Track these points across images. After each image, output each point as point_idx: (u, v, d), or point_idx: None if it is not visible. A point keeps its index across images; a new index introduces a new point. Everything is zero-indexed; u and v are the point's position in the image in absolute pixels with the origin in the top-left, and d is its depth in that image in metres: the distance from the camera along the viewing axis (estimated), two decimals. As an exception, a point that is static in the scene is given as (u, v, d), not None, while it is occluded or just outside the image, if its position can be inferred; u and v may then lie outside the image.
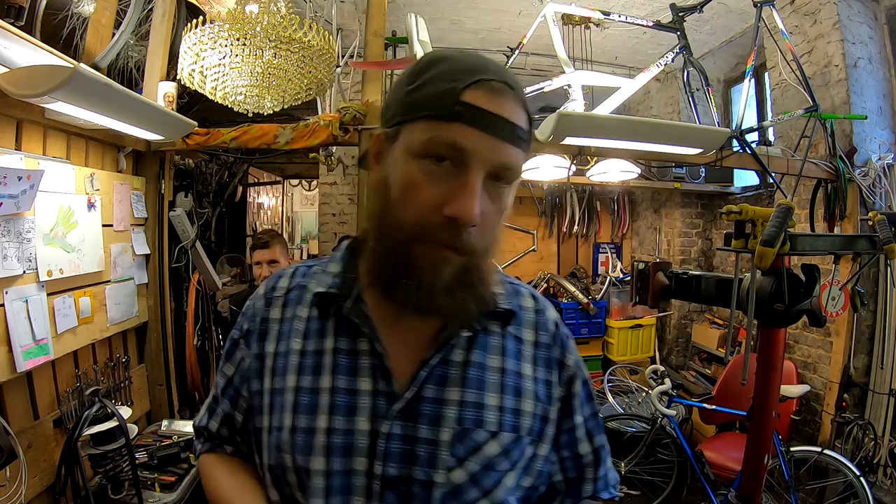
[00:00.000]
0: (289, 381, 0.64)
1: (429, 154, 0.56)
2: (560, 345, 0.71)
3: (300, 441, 0.61)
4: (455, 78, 0.56)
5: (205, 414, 0.78)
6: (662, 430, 2.90)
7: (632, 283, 1.69)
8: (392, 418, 0.60)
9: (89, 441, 1.66)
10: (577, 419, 0.71)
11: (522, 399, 0.66)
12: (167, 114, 2.00)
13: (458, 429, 0.61)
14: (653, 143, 2.47)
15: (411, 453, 0.60)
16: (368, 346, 0.63)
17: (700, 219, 4.55)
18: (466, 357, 0.65)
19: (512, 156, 0.58)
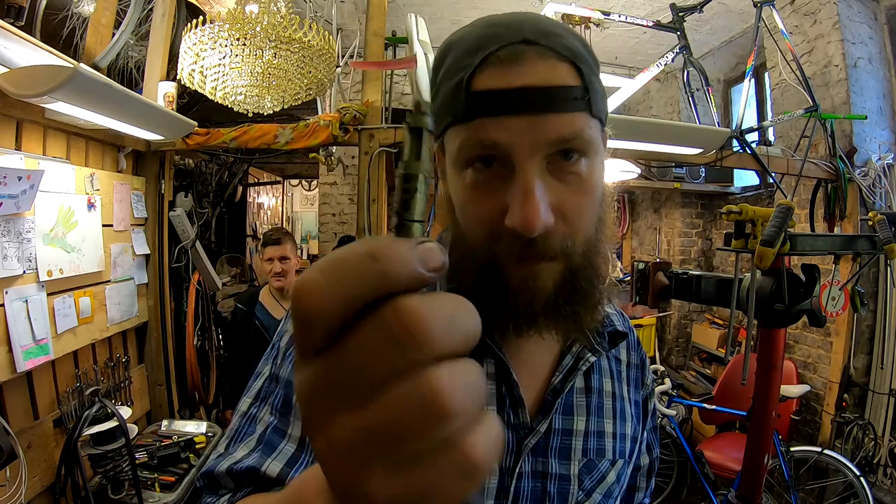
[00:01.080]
0: None
1: (469, 163, 0.47)
2: (643, 365, 0.67)
3: None
4: (461, 66, 0.46)
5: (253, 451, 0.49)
6: (662, 430, 2.90)
7: (632, 283, 1.69)
8: (525, 454, 0.53)
9: (89, 441, 1.66)
10: (645, 434, 0.69)
11: (626, 423, 0.61)
12: (167, 114, 2.00)
13: (584, 460, 0.56)
14: (653, 143, 2.47)
15: (543, 490, 0.54)
16: (496, 369, 0.53)
17: (700, 219, 4.55)
18: (587, 382, 0.59)
19: (565, 125, 0.44)
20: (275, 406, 0.51)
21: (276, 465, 0.47)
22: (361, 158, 2.27)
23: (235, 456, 0.49)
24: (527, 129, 0.43)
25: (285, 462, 0.48)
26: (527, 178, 0.44)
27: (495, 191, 0.45)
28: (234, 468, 0.48)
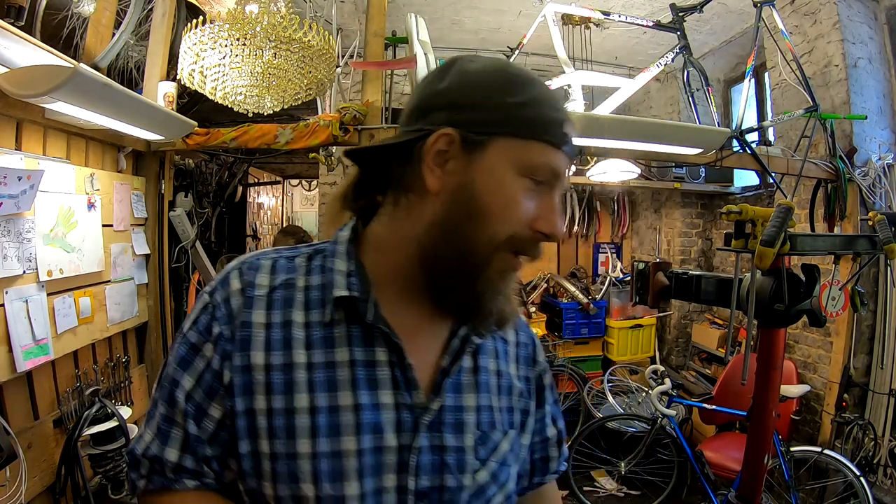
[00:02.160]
0: (299, 400, 0.56)
1: (533, 175, 0.57)
2: (533, 342, 0.75)
3: (326, 468, 0.55)
4: (558, 107, 0.60)
5: (154, 439, 0.59)
6: (662, 430, 2.90)
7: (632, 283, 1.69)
8: (421, 430, 0.58)
9: (89, 441, 1.66)
10: (546, 408, 0.75)
11: (512, 397, 0.69)
12: (167, 114, 2.00)
13: (478, 433, 0.62)
14: (653, 143, 2.47)
15: (441, 463, 0.59)
16: (389, 356, 0.59)
17: (700, 219, 4.55)
18: (475, 362, 0.65)
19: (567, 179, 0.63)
20: (163, 395, 0.60)
21: (173, 452, 0.58)
22: (361, 158, 2.26)
23: (144, 439, 0.60)
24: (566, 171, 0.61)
25: (179, 446, 0.58)
26: (558, 202, 0.60)
27: (531, 202, 0.57)
28: (148, 454, 0.59)
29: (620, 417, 3.48)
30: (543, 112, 0.57)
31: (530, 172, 0.57)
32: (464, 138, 0.56)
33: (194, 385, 0.58)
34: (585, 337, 4.33)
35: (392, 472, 0.57)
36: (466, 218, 0.56)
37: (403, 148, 0.59)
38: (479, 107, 0.56)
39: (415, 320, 0.61)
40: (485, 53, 4.26)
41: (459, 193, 0.57)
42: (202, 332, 0.59)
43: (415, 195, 0.59)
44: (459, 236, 0.57)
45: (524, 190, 0.57)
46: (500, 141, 0.56)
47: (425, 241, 0.58)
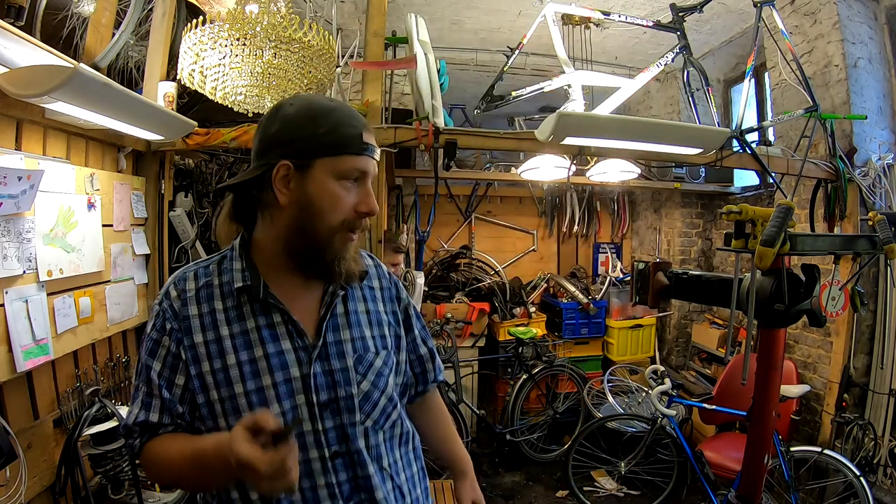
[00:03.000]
0: (229, 359, 0.84)
1: (346, 177, 0.84)
2: (395, 285, 1.05)
3: (255, 399, 0.83)
4: (354, 124, 0.85)
5: (139, 411, 0.86)
6: (662, 430, 2.90)
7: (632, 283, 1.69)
8: (314, 361, 0.86)
9: (89, 441, 1.66)
10: (414, 332, 1.07)
11: (383, 327, 0.97)
12: (167, 114, 2.00)
13: (355, 356, 0.90)
14: (653, 143, 2.47)
15: (332, 381, 0.87)
16: (282, 317, 0.87)
17: (700, 219, 4.55)
18: (345, 308, 0.93)
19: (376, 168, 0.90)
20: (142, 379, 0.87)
21: (154, 415, 0.85)
22: (361, 158, 2.26)
23: (133, 413, 0.87)
24: (373, 167, 0.88)
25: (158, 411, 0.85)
26: (371, 188, 0.88)
27: (351, 194, 0.85)
28: (137, 421, 0.86)
29: (620, 417, 3.48)
30: (342, 132, 0.84)
31: (344, 176, 0.84)
32: (295, 165, 0.83)
33: (162, 366, 0.85)
34: (585, 337, 4.33)
35: (301, 392, 0.85)
36: (308, 217, 0.83)
37: (258, 179, 0.85)
38: (298, 141, 0.83)
39: (294, 290, 0.89)
40: (485, 53, 4.26)
41: (301, 202, 0.83)
42: (159, 329, 0.87)
43: (274, 208, 0.86)
44: (307, 230, 0.84)
45: (343, 189, 0.84)
46: (318, 161, 0.83)
47: (286, 238, 0.86)
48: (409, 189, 4.37)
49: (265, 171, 0.84)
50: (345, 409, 0.87)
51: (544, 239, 4.98)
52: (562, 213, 4.86)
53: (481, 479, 3.42)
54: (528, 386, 3.67)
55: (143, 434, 0.85)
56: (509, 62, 3.12)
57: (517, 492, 3.33)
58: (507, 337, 3.88)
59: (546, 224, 4.96)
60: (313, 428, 0.85)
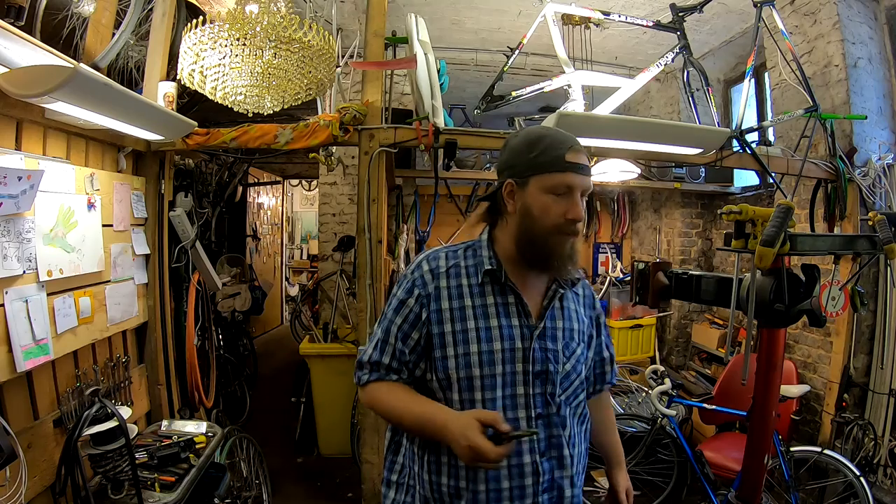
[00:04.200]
0: (470, 324, 1.05)
1: (554, 191, 1.03)
2: (592, 297, 1.25)
3: (486, 359, 1.04)
4: (560, 146, 1.04)
5: (374, 350, 1.10)
6: (662, 430, 2.90)
7: (632, 283, 1.69)
8: (535, 339, 1.06)
9: (89, 441, 1.65)
10: (602, 337, 1.25)
11: (582, 325, 1.16)
12: (167, 114, 2.00)
13: (564, 341, 1.10)
14: (653, 143, 2.47)
15: (545, 357, 1.06)
16: (515, 299, 1.08)
17: (700, 219, 4.54)
18: (562, 303, 1.13)
19: (588, 183, 1.06)
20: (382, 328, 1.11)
21: (386, 358, 1.08)
22: (361, 158, 2.27)
23: (367, 352, 1.12)
24: (581, 182, 1.04)
25: (390, 355, 1.09)
26: (578, 199, 1.05)
27: (561, 204, 1.04)
28: (371, 360, 1.10)
29: (620, 417, 3.48)
30: (549, 155, 1.03)
31: (552, 190, 1.03)
32: (516, 182, 1.06)
33: (402, 321, 1.08)
34: (585, 337, 4.33)
35: (520, 361, 1.05)
36: (528, 221, 1.05)
37: (496, 193, 1.12)
38: (518, 164, 1.07)
39: (525, 279, 1.10)
40: (485, 53, 4.26)
41: (522, 210, 1.06)
42: (408, 292, 1.09)
43: (508, 215, 1.10)
44: (527, 231, 1.06)
45: (552, 200, 1.03)
46: (532, 179, 1.05)
47: (516, 237, 1.08)
48: (409, 189, 4.37)
49: (499, 187, 1.10)
50: (551, 381, 1.06)
51: (544, 239, 4.98)
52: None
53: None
54: (528, 386, 3.67)
55: (373, 372, 1.09)
56: (509, 62, 3.12)
57: (517, 492, 3.33)
58: (507, 337, 3.87)
59: (546, 224, 4.95)
60: (525, 392, 1.04)
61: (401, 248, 3.69)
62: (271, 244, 7.60)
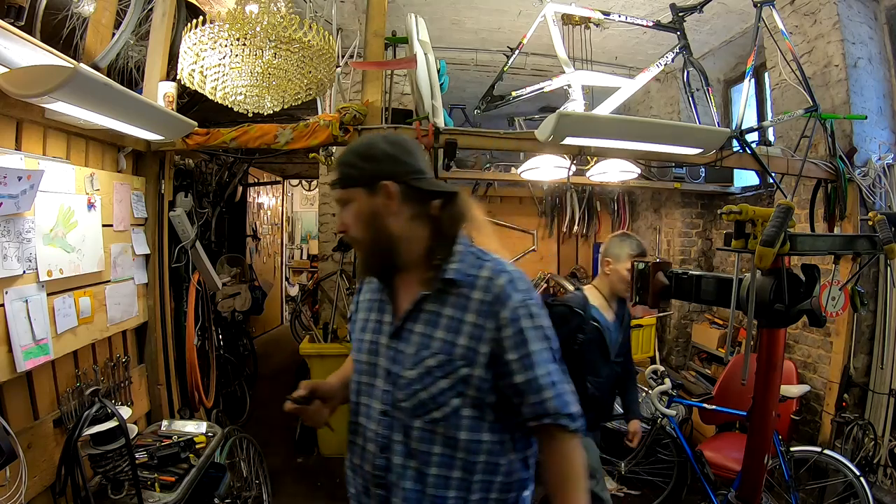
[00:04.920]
0: (361, 315, 1.17)
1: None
2: (499, 303, 0.99)
3: (357, 346, 1.16)
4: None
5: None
6: (662, 430, 2.90)
7: (632, 283, 1.69)
8: (388, 337, 1.07)
9: (89, 441, 1.66)
10: (508, 356, 0.98)
11: (458, 335, 1.00)
12: (167, 114, 2.00)
13: (416, 347, 1.02)
14: (653, 143, 2.46)
15: (393, 357, 1.05)
16: (388, 298, 1.11)
17: (700, 219, 4.54)
18: (429, 307, 1.04)
19: (338, 193, 1.08)
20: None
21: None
22: (361, 158, 2.26)
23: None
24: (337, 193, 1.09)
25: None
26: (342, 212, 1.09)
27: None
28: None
29: (620, 417, 3.48)
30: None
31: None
32: None
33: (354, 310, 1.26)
34: (585, 337, 4.33)
35: (376, 354, 1.09)
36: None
37: None
38: None
39: (402, 281, 1.10)
40: (485, 53, 4.26)
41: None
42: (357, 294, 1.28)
43: None
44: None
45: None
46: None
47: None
48: (409, 189, 4.35)
49: None
50: (395, 382, 1.03)
51: (544, 239, 4.98)
52: (562, 213, 4.86)
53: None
54: (528, 386, 3.67)
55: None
56: (509, 62, 3.12)
57: (517, 492, 3.33)
58: (507, 337, 3.87)
59: (546, 224, 4.96)
60: (379, 385, 1.06)
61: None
62: (271, 244, 7.60)
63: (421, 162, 1.08)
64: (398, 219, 1.04)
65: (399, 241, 1.05)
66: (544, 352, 0.99)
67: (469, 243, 1.08)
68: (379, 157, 1.04)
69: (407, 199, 1.03)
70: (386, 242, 1.05)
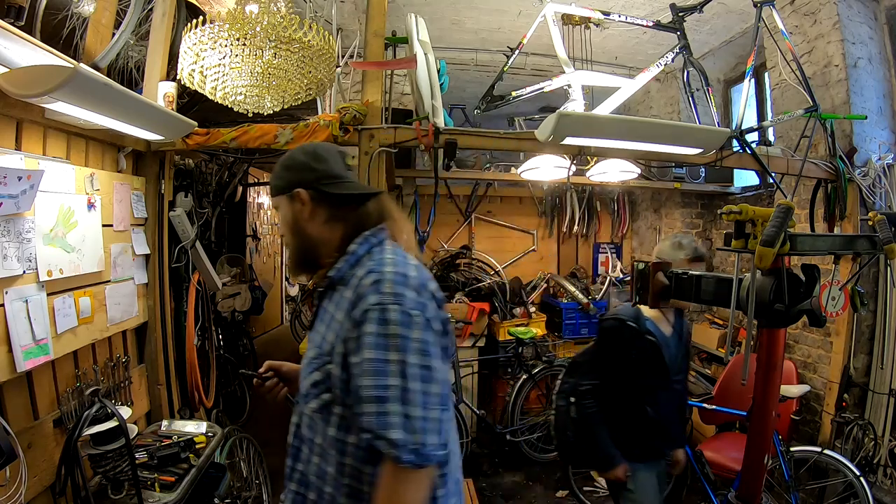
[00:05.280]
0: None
1: None
2: (358, 300, 0.96)
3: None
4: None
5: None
6: (662, 430, 2.89)
7: (632, 283, 1.69)
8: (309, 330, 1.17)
9: (89, 441, 1.66)
10: (351, 359, 0.94)
11: (328, 331, 1.03)
12: (167, 114, 2.00)
13: (313, 342, 1.08)
14: (653, 143, 2.46)
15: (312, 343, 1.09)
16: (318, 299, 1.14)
17: (700, 219, 4.55)
18: (324, 304, 1.10)
19: (272, 202, 1.19)
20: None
21: None
22: (361, 158, 2.27)
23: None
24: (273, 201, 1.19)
25: None
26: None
27: None
28: None
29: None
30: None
31: None
32: None
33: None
34: (585, 337, 4.33)
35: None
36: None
37: None
38: None
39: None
40: (485, 53, 4.26)
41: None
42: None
43: None
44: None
45: None
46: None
47: None
48: (409, 189, 4.37)
49: None
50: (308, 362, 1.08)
51: (544, 239, 4.98)
52: (562, 213, 4.86)
53: (481, 479, 3.42)
54: (528, 386, 3.67)
55: None
56: (509, 62, 3.12)
57: (517, 492, 3.33)
58: (507, 337, 3.88)
59: (546, 224, 4.96)
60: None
61: (401, 248, 3.69)
62: (271, 244, 7.59)
63: (335, 167, 1.13)
64: (314, 222, 1.11)
65: (317, 244, 1.11)
66: (383, 362, 0.88)
67: (376, 242, 1.08)
68: (295, 166, 1.13)
69: (320, 203, 1.10)
70: (305, 245, 1.12)
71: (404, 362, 0.88)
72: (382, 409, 0.87)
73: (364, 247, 1.06)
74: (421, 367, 0.89)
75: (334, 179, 1.11)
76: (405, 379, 0.88)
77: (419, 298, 0.94)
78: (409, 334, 0.90)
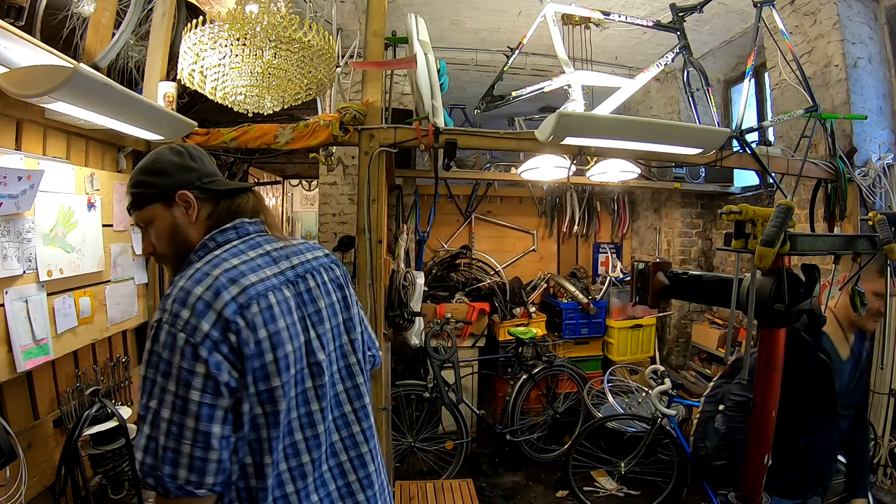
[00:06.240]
0: None
1: None
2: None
3: None
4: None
5: None
6: (662, 430, 2.90)
7: (632, 283, 1.69)
8: None
9: (89, 441, 1.66)
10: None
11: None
12: (167, 114, 2.00)
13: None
14: (653, 143, 2.46)
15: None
16: None
17: (700, 219, 4.55)
18: None
19: (136, 216, 1.07)
20: None
21: None
22: (361, 158, 2.27)
23: None
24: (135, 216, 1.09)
25: None
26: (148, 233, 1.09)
27: None
28: None
29: (620, 417, 3.48)
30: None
31: None
32: None
33: None
34: (585, 337, 4.34)
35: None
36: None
37: None
38: None
39: None
40: (485, 53, 4.26)
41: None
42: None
43: None
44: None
45: None
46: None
47: None
48: (409, 189, 4.37)
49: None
50: None
51: (544, 239, 4.98)
52: (562, 213, 4.86)
53: (481, 478, 3.42)
54: (528, 386, 3.67)
55: None
56: (509, 62, 3.12)
57: (517, 492, 3.33)
58: (507, 337, 3.88)
59: (546, 224, 4.96)
60: None
61: (401, 248, 3.70)
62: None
63: (210, 166, 1.09)
64: (197, 225, 1.03)
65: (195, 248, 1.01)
66: (150, 382, 0.83)
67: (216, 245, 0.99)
68: (168, 169, 1.04)
69: (204, 203, 1.04)
70: (186, 252, 1.01)
71: (164, 389, 0.82)
72: (140, 427, 0.84)
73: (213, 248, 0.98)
74: (176, 397, 0.82)
75: (213, 177, 1.07)
76: (161, 404, 0.82)
77: (193, 320, 0.83)
78: (172, 359, 0.82)
